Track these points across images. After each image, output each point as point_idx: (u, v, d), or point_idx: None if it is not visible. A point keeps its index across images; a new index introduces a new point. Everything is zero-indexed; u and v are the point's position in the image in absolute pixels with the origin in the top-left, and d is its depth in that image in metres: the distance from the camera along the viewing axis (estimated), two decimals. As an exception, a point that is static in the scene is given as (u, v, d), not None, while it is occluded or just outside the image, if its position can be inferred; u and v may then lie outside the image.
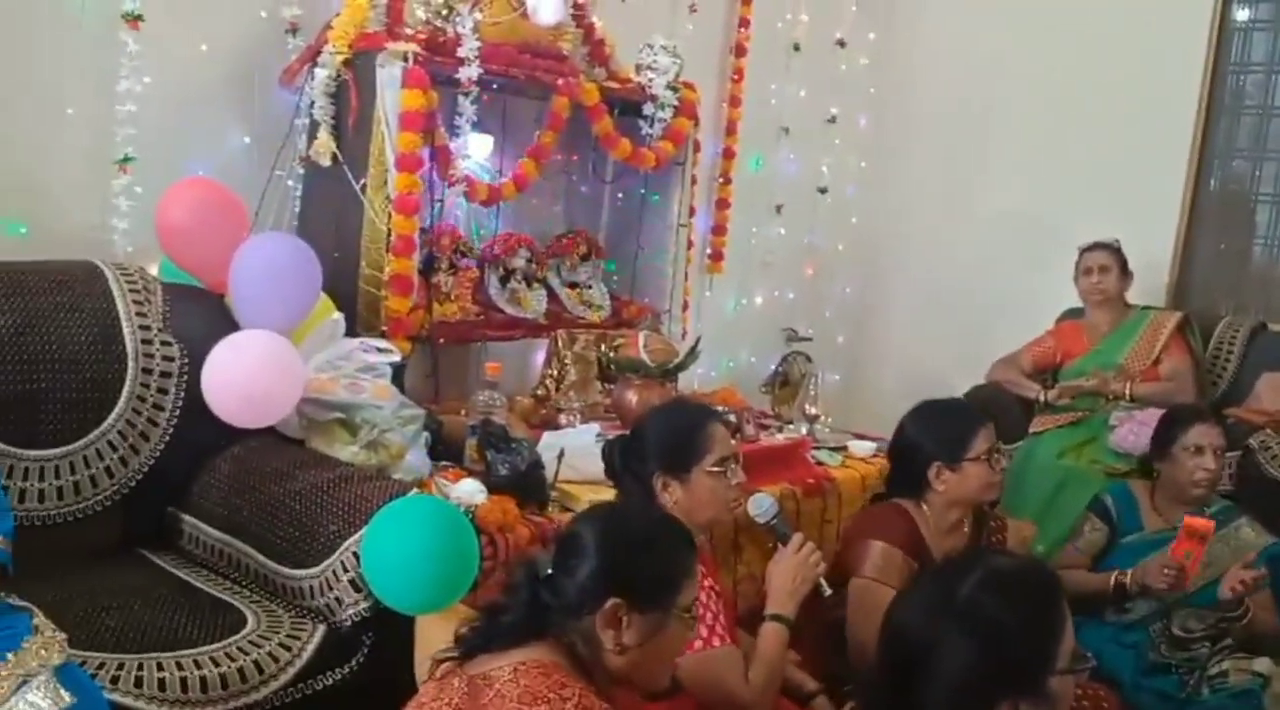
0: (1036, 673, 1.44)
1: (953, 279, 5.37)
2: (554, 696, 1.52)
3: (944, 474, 2.70)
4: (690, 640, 1.85)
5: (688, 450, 2.36)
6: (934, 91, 5.43)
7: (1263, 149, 4.86)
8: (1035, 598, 1.48)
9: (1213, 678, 3.18)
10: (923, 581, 1.53)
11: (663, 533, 1.78)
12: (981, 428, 2.76)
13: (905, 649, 1.46)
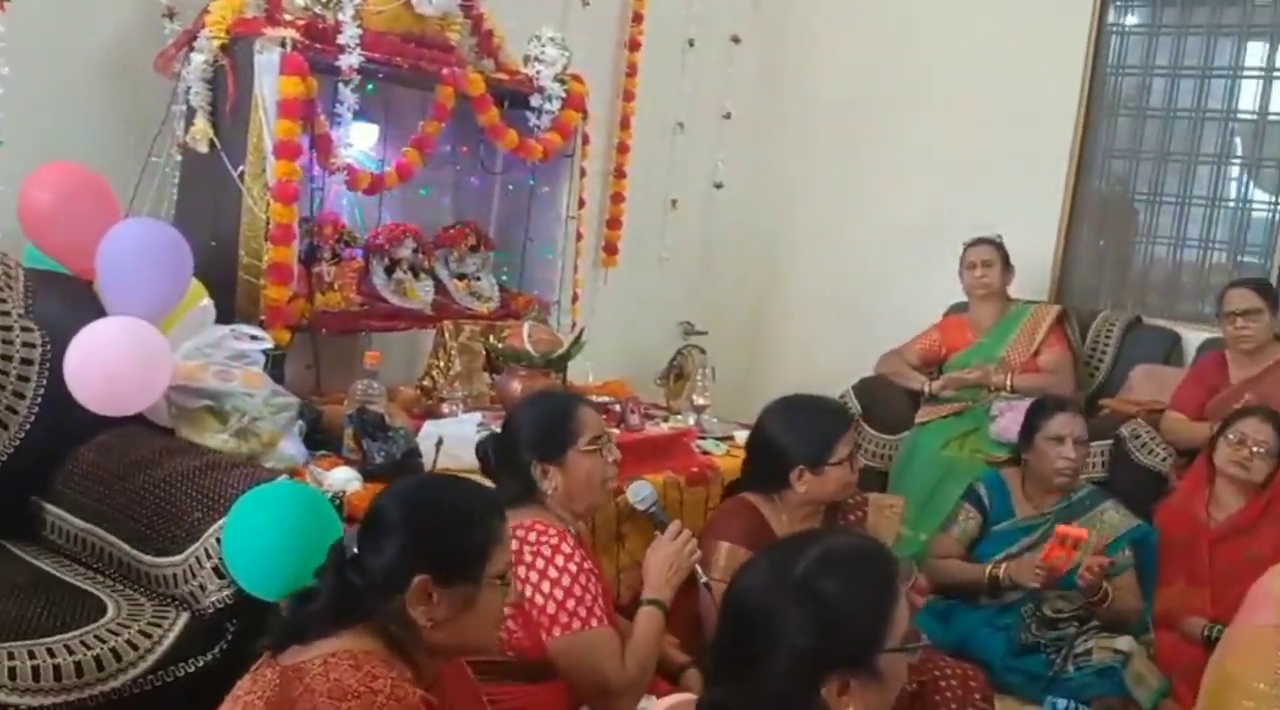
0: (867, 649, 1.46)
1: (846, 273, 5.47)
2: (364, 690, 1.52)
3: (806, 476, 2.73)
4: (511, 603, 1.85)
5: (560, 433, 2.40)
6: (827, 89, 5.52)
7: (1139, 149, 5.03)
8: (869, 577, 1.50)
9: (1078, 656, 3.29)
10: (762, 557, 1.55)
11: (468, 502, 1.77)
12: (845, 432, 2.79)
13: (743, 622, 1.48)
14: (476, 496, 1.82)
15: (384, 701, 1.51)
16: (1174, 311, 4.90)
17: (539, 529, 2.31)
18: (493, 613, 1.76)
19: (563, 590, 2.25)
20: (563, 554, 2.28)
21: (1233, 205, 4.88)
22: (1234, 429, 3.57)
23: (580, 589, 2.27)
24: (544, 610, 2.25)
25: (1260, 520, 3.50)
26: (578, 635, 2.25)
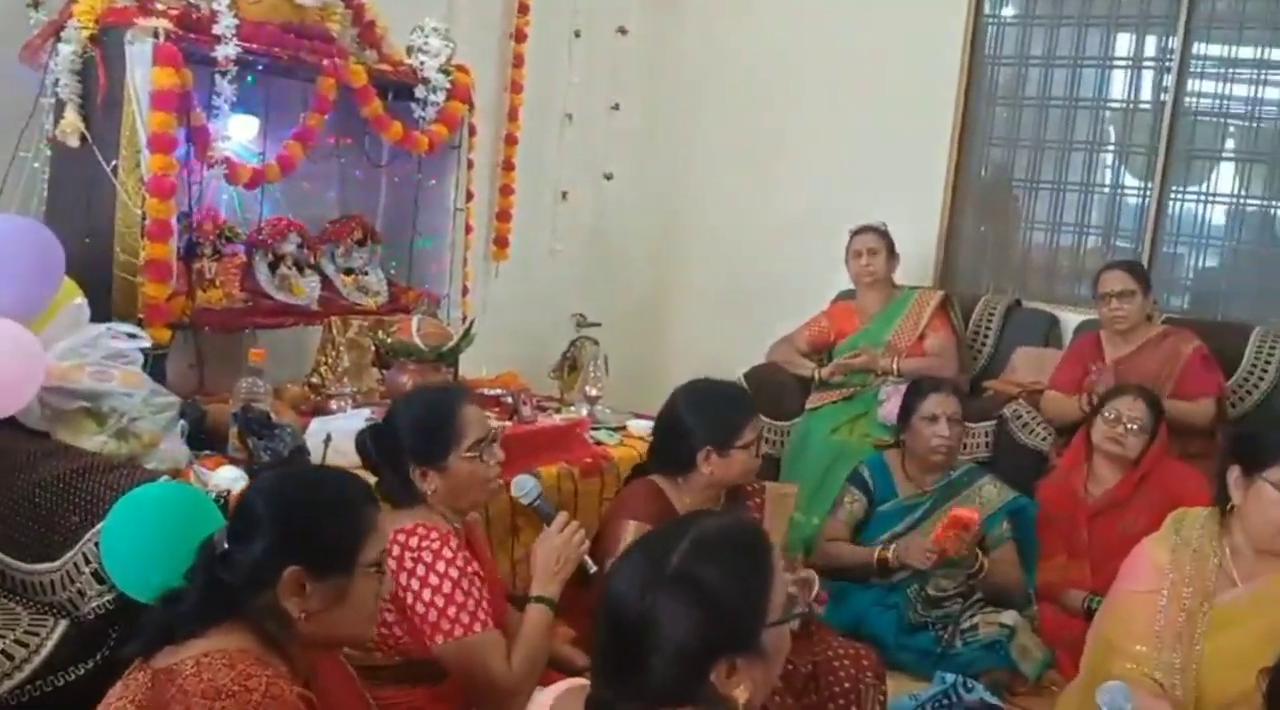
0: (750, 628, 1.47)
1: (737, 262, 5.52)
2: (239, 689, 1.50)
3: (712, 458, 2.74)
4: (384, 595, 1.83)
5: (440, 438, 2.34)
6: (716, 81, 5.56)
7: (1016, 138, 5.17)
8: (743, 556, 1.51)
9: (965, 631, 3.39)
10: (634, 552, 1.55)
11: (337, 491, 1.75)
12: (752, 416, 2.81)
13: (624, 619, 1.48)
14: (346, 485, 1.79)
15: (260, 700, 1.49)
16: (1052, 295, 5.06)
17: (420, 533, 2.26)
18: (367, 602, 1.74)
19: (444, 597, 2.21)
20: (444, 559, 2.24)
21: (1106, 191, 5.05)
22: (1110, 407, 3.70)
23: (462, 595, 2.23)
24: (425, 618, 2.21)
25: (1134, 495, 3.63)
26: (460, 642, 2.21)
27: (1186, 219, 4.90)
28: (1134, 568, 2.57)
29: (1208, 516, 2.52)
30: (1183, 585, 2.44)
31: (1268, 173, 4.74)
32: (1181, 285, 4.97)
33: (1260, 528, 2.37)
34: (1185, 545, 2.49)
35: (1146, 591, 2.48)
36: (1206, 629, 2.40)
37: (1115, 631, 2.51)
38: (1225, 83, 4.79)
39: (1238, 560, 2.44)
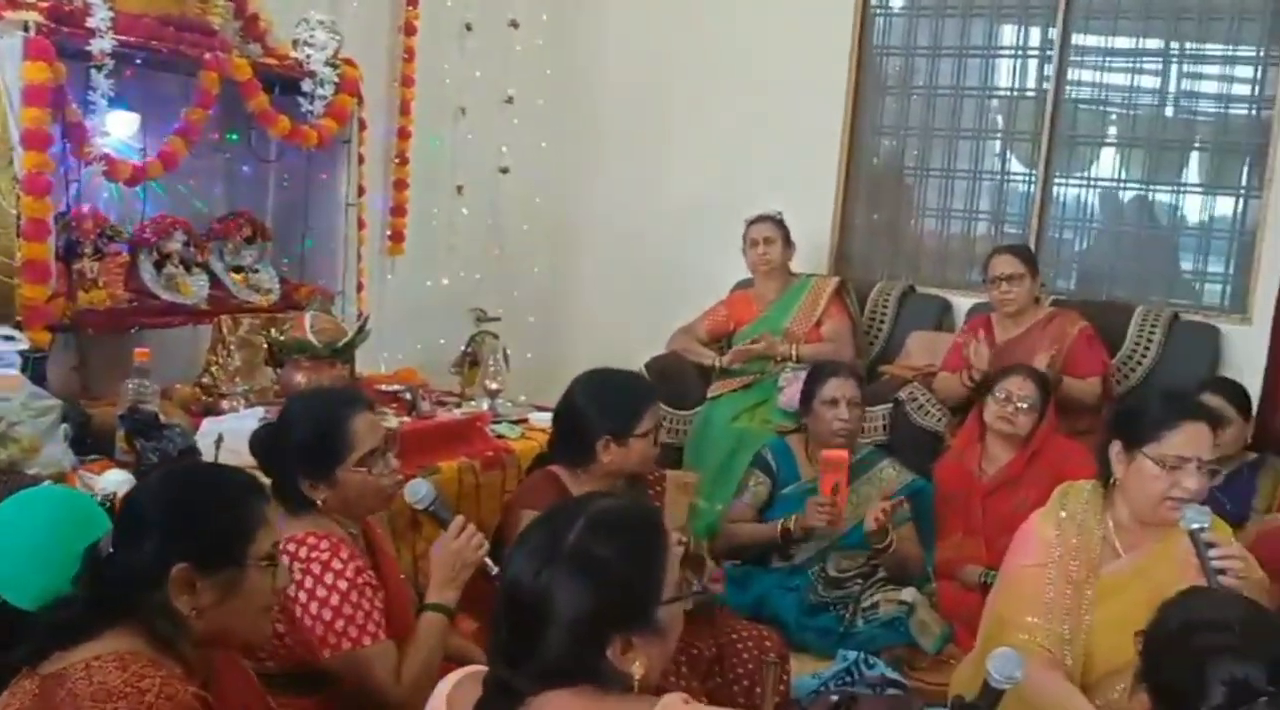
0: (645, 605, 1.49)
1: (636, 254, 5.54)
2: (130, 690, 1.47)
3: (612, 447, 2.73)
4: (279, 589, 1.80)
5: (329, 451, 2.27)
6: (611, 73, 5.57)
7: (906, 126, 5.27)
8: (637, 535, 1.53)
9: (866, 610, 3.45)
10: (531, 531, 1.56)
11: (222, 486, 1.73)
12: (650, 405, 2.81)
13: (521, 600, 1.48)
14: (230, 478, 1.76)
15: (153, 700, 1.46)
16: (944, 280, 5.17)
17: (310, 543, 2.20)
18: (260, 597, 1.71)
19: (331, 610, 2.16)
20: (332, 571, 2.18)
21: (993, 178, 5.17)
22: (1000, 387, 3.78)
23: (350, 607, 2.17)
24: (313, 630, 2.16)
25: (1026, 471, 3.72)
26: (349, 654, 2.17)
27: (1071, 203, 5.05)
28: (1023, 543, 2.62)
29: (1091, 490, 2.59)
30: (1069, 558, 2.49)
31: (1145, 157, 4.91)
32: (1068, 267, 5.11)
33: (1141, 500, 2.44)
34: (1070, 519, 2.55)
35: (1035, 565, 2.53)
36: (1093, 599, 2.46)
37: (1007, 606, 2.57)
38: (1103, 72, 4.94)
39: (1120, 532, 2.50)
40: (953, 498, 3.80)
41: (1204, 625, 1.54)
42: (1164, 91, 4.85)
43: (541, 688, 1.45)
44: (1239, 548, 2.36)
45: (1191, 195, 4.87)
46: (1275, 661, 1.46)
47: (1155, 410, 2.47)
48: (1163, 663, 1.56)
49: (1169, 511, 2.38)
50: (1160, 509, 2.41)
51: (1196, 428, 2.40)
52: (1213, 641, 1.50)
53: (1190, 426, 2.40)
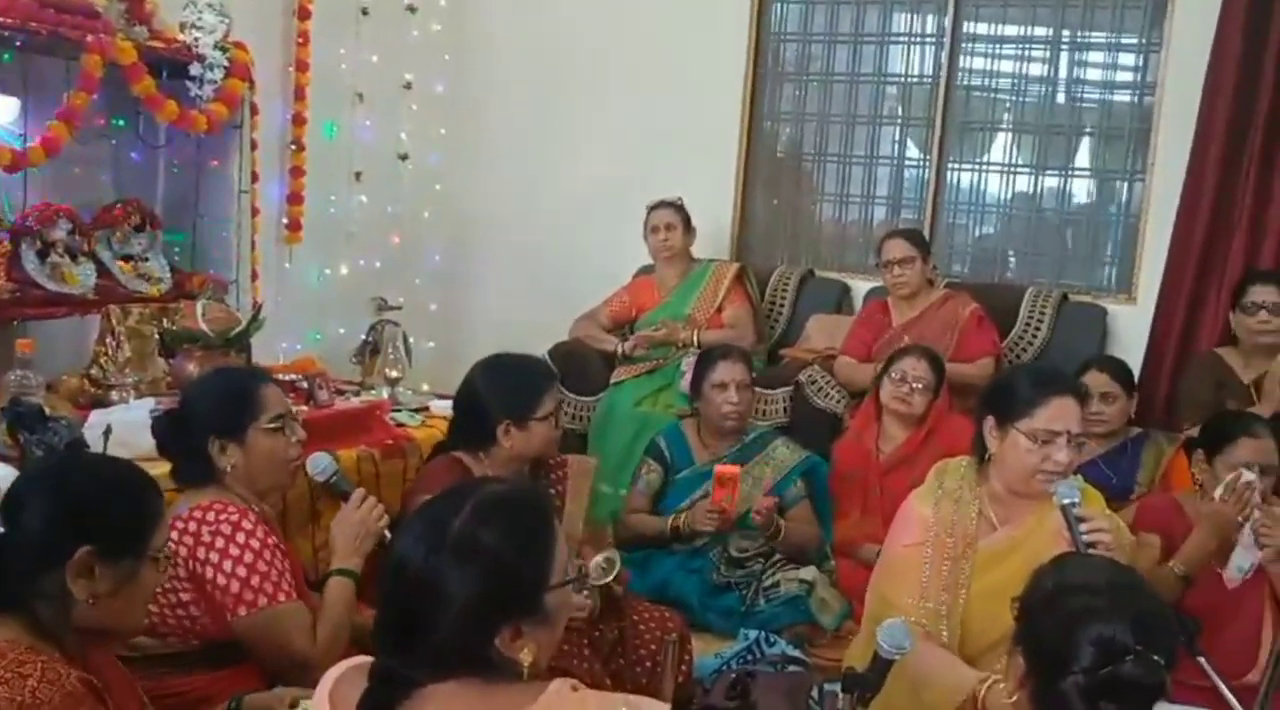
0: (534, 591, 1.48)
1: (538, 240, 5.52)
2: (11, 676, 1.46)
3: (512, 431, 2.73)
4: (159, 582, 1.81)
5: (241, 410, 2.31)
6: (510, 59, 5.53)
7: (803, 112, 5.33)
8: (524, 520, 1.52)
9: (767, 589, 3.50)
10: (418, 515, 1.54)
11: (128, 478, 1.74)
12: (550, 388, 2.83)
13: (407, 587, 1.47)
14: (135, 472, 1.78)
15: (35, 685, 1.45)
16: (843, 264, 5.24)
17: (217, 508, 2.22)
18: (149, 590, 1.73)
19: (245, 567, 2.18)
20: (243, 531, 2.20)
21: (890, 163, 5.26)
22: (895, 368, 3.86)
23: (265, 564, 2.20)
24: (227, 590, 2.17)
25: (921, 450, 3.79)
26: (262, 612, 2.18)
27: (965, 188, 5.15)
28: (902, 522, 2.68)
29: (967, 466, 2.64)
30: (946, 534, 2.54)
31: (1035, 143, 5.03)
32: (962, 251, 5.22)
33: (1014, 474, 2.50)
34: (947, 496, 2.60)
35: (915, 544, 2.58)
36: (971, 572, 2.51)
37: (888, 585, 2.63)
38: (994, 59, 5.05)
39: (996, 505, 2.57)
40: (851, 477, 3.86)
41: (1074, 589, 1.59)
42: (1053, 78, 4.97)
43: (429, 678, 1.43)
44: (1108, 520, 2.44)
45: (1080, 179, 5.01)
46: (1140, 621, 1.52)
47: (1025, 386, 2.53)
48: (1036, 626, 1.61)
49: (1041, 484, 2.46)
50: (1033, 482, 2.48)
51: (1065, 402, 2.47)
52: (1082, 604, 1.55)
53: (1059, 401, 2.47)
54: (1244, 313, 3.90)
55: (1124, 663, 1.48)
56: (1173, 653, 1.54)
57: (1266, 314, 3.84)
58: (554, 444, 2.87)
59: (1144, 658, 1.49)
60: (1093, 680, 1.48)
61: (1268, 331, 3.85)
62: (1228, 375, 3.93)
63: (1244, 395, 3.85)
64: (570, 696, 1.43)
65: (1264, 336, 3.86)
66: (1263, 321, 3.85)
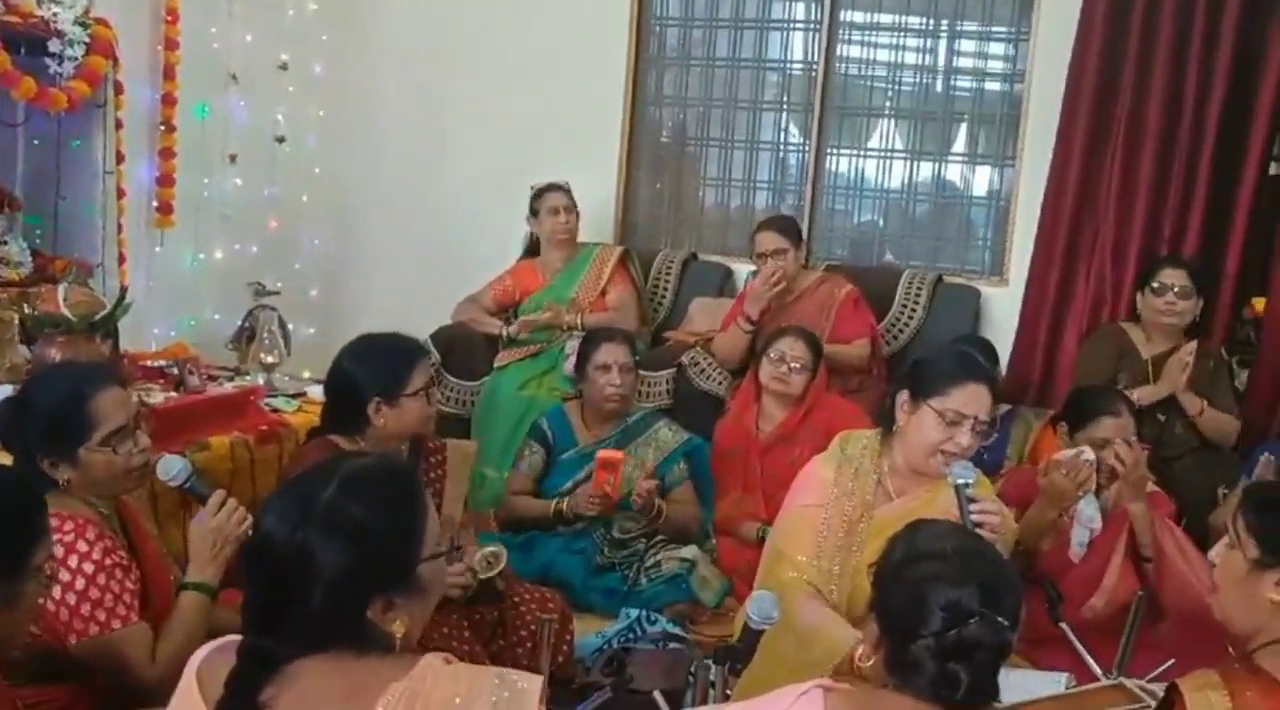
0: (404, 563, 1.48)
1: (422, 224, 5.46)
2: None
3: (383, 410, 2.70)
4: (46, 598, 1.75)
5: (68, 431, 2.17)
6: (391, 41, 5.45)
7: (685, 97, 5.36)
8: (392, 492, 1.52)
9: (649, 568, 3.53)
10: (284, 491, 1.53)
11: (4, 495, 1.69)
12: (419, 363, 2.79)
13: (274, 563, 1.45)
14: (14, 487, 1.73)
15: None
16: (725, 247, 5.29)
17: (54, 524, 2.04)
18: (33, 606, 1.70)
19: (76, 595, 2.08)
20: (77, 553, 2.09)
21: (770, 149, 5.32)
22: (773, 348, 3.92)
23: (98, 591, 2.09)
24: (58, 616, 2.07)
25: (800, 428, 3.86)
26: (97, 640, 2.09)
27: (844, 173, 5.24)
28: (804, 483, 2.75)
29: (871, 437, 2.73)
30: (844, 499, 2.63)
31: (911, 129, 5.13)
32: (842, 235, 5.31)
33: (916, 448, 2.58)
34: (849, 462, 2.69)
35: (814, 505, 2.66)
36: (864, 538, 2.60)
37: (784, 541, 2.68)
38: (871, 47, 5.14)
39: (894, 477, 2.66)
40: (731, 456, 3.91)
41: (922, 555, 1.64)
42: (928, 66, 5.08)
43: (298, 653, 1.42)
44: (997, 504, 2.56)
45: (955, 164, 5.12)
46: (985, 584, 1.56)
47: (945, 365, 2.64)
48: (888, 592, 1.65)
49: (940, 464, 2.54)
50: (932, 460, 2.56)
51: (979, 389, 2.57)
52: (930, 569, 1.60)
53: (974, 387, 2.56)
54: (1153, 294, 4.06)
55: (970, 625, 1.53)
56: (1017, 614, 1.59)
57: (1173, 296, 4.01)
58: (428, 421, 2.82)
59: (989, 620, 1.53)
60: (941, 642, 1.53)
61: (1172, 313, 4.02)
62: (1129, 348, 4.11)
63: (1141, 369, 4.04)
64: (442, 669, 1.42)
65: (1167, 318, 4.03)
66: (1169, 303, 4.02)
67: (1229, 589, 1.87)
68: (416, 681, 1.39)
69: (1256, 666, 1.74)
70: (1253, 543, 1.82)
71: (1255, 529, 1.82)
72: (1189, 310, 4.02)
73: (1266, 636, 1.79)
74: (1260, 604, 1.80)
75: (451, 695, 1.37)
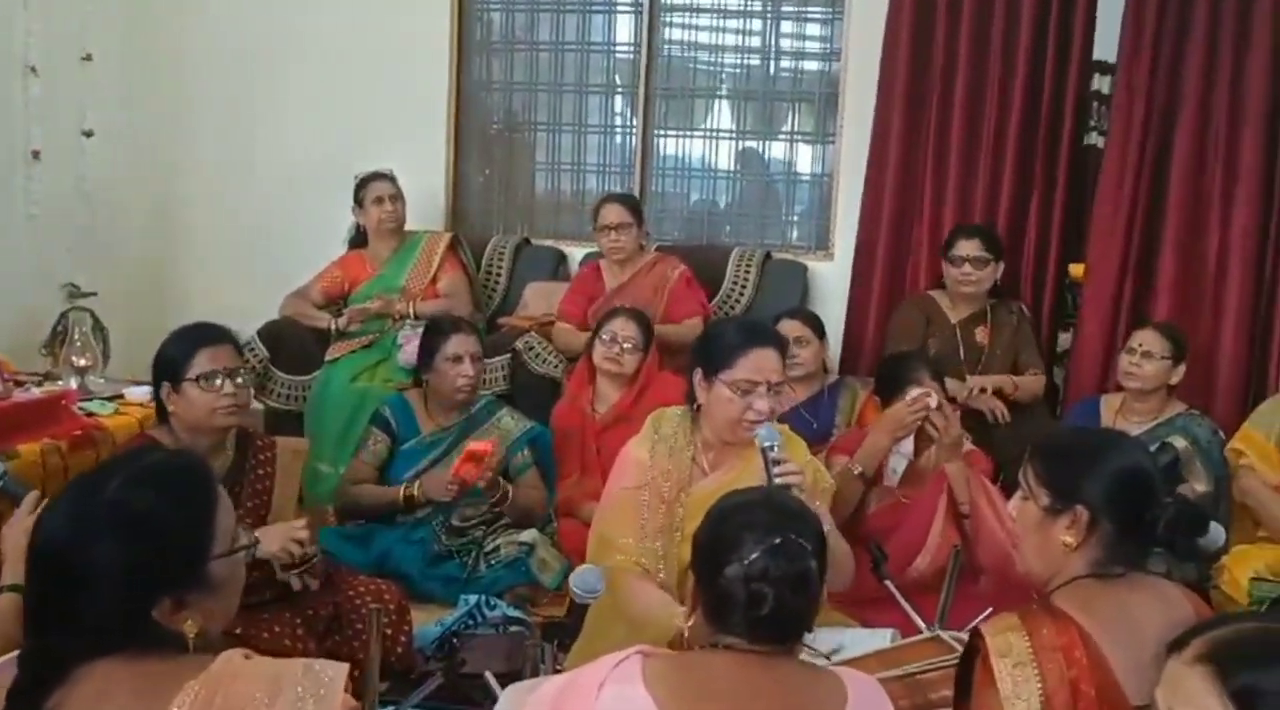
0: (195, 561, 1.44)
1: (245, 217, 5.33)
2: None
3: (172, 397, 2.66)
4: None
5: None
6: (201, 30, 5.28)
7: (512, 82, 5.34)
8: (181, 487, 1.48)
9: (488, 554, 3.53)
10: (68, 488, 1.47)
11: None
12: (205, 347, 2.69)
13: (55, 560, 1.40)
14: None
15: None
16: (558, 231, 5.30)
17: None
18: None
19: None
20: None
21: (598, 132, 5.34)
22: (605, 329, 3.95)
23: None
24: None
25: (635, 407, 3.88)
26: None
27: (671, 154, 5.30)
28: (621, 466, 2.78)
29: (681, 415, 2.77)
30: (661, 479, 2.67)
31: (736, 108, 5.22)
32: (674, 215, 5.37)
33: (720, 422, 2.64)
34: (663, 441, 2.73)
35: (633, 488, 2.69)
36: (684, 516, 2.64)
37: (607, 526, 2.71)
38: (693, 30, 5.20)
39: (707, 452, 2.72)
40: (569, 439, 3.93)
41: (733, 510, 1.70)
42: (749, 47, 5.16)
43: (86, 655, 1.37)
44: (806, 464, 2.63)
45: (779, 143, 5.24)
46: (788, 517, 1.66)
47: (727, 340, 2.67)
48: (702, 556, 1.70)
49: (745, 431, 2.60)
50: (738, 429, 2.62)
51: (764, 353, 2.62)
52: (736, 504, 1.69)
53: (759, 352, 2.61)
54: (951, 264, 4.22)
55: (775, 544, 1.60)
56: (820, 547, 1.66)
57: (970, 266, 4.18)
58: (216, 412, 2.68)
59: (791, 542, 1.61)
60: (748, 567, 1.59)
61: (969, 282, 4.19)
62: (936, 314, 4.28)
63: (949, 335, 4.23)
64: (241, 664, 1.39)
65: (966, 286, 4.21)
66: (965, 274, 4.19)
67: (1027, 538, 1.96)
68: (214, 678, 1.35)
69: (1053, 606, 1.83)
70: (1044, 492, 1.91)
71: (1043, 478, 1.92)
72: (986, 278, 4.20)
73: (1062, 579, 1.88)
74: (1055, 549, 1.89)
75: (252, 690, 1.34)
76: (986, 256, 4.17)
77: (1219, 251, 4.24)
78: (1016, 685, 1.71)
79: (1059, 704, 1.70)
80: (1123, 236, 4.34)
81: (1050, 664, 1.72)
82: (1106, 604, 1.81)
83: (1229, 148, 4.20)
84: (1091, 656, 1.73)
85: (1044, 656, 1.73)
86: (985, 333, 4.23)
